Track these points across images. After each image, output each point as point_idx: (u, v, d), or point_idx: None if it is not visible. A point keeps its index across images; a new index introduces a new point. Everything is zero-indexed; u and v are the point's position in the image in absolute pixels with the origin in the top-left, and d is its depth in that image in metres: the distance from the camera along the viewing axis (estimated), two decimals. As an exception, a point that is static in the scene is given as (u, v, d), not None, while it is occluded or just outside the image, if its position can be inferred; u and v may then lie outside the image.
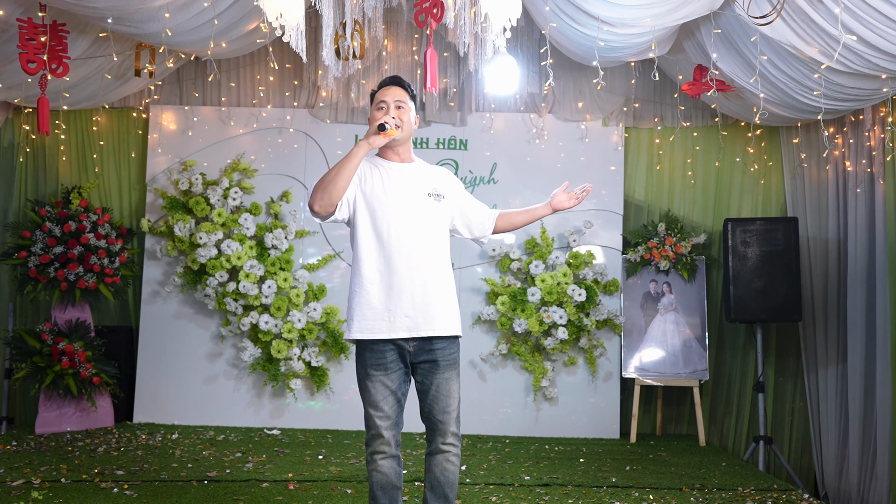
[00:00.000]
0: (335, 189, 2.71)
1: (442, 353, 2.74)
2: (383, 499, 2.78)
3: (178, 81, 5.82)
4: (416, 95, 2.93)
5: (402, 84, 2.86)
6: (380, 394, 2.73)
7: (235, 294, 5.42)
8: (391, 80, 2.86)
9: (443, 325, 2.74)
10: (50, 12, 4.07)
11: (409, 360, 2.76)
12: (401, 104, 2.81)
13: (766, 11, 3.57)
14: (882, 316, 4.63)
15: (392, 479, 2.76)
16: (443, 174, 2.92)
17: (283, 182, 5.69)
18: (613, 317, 5.46)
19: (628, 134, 5.80)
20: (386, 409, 2.74)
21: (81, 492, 3.63)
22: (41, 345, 5.22)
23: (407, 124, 2.82)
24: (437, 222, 2.81)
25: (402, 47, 5.63)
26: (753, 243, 5.18)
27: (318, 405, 5.56)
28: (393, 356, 2.74)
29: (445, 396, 2.73)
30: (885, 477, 4.59)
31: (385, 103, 2.81)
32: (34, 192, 5.79)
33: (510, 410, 5.52)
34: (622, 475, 4.26)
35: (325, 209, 2.74)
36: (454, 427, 2.75)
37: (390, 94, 2.82)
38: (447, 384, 2.73)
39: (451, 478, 2.76)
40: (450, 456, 2.75)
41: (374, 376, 2.74)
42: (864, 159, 4.86)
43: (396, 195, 2.79)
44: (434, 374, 2.73)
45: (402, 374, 2.77)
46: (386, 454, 2.75)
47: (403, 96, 2.83)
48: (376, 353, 2.74)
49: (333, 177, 2.71)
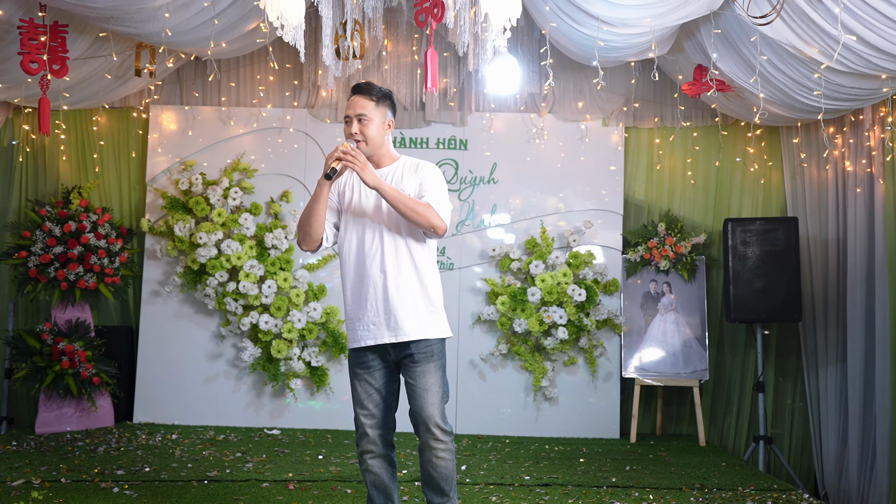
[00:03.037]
0: (311, 229, 2.82)
1: (416, 346, 2.77)
2: (378, 498, 2.85)
3: (178, 81, 5.82)
4: (387, 94, 2.87)
5: (365, 91, 2.82)
6: (364, 392, 2.81)
7: (235, 294, 5.42)
8: (354, 89, 2.84)
9: (411, 329, 2.76)
10: (50, 12, 4.07)
11: (393, 359, 2.82)
12: (362, 117, 2.80)
13: (766, 11, 3.57)
14: (881, 316, 4.63)
15: (384, 479, 2.83)
16: (412, 171, 2.87)
17: (283, 182, 5.69)
18: (613, 317, 5.46)
19: (628, 134, 5.80)
20: (370, 407, 2.81)
21: (81, 492, 3.63)
22: (41, 345, 5.22)
23: (373, 137, 2.82)
24: (404, 224, 2.80)
25: (402, 47, 5.63)
26: (753, 243, 5.18)
27: (318, 405, 5.56)
28: (374, 355, 2.81)
29: (423, 390, 2.75)
30: (884, 476, 4.59)
31: (348, 117, 2.82)
32: (34, 192, 5.79)
33: (510, 410, 5.52)
34: (622, 475, 4.26)
35: (311, 246, 2.87)
36: (438, 420, 2.75)
37: (353, 107, 2.81)
38: (423, 377, 2.75)
39: (444, 472, 2.78)
40: (438, 452, 2.76)
41: (359, 374, 2.83)
42: (864, 159, 4.86)
43: (364, 203, 2.84)
44: (411, 368, 2.77)
45: (385, 372, 2.83)
46: (374, 453, 2.82)
47: (366, 107, 2.80)
48: (358, 353, 2.83)
49: (306, 218, 2.82)
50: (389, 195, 2.70)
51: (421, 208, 2.72)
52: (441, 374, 2.80)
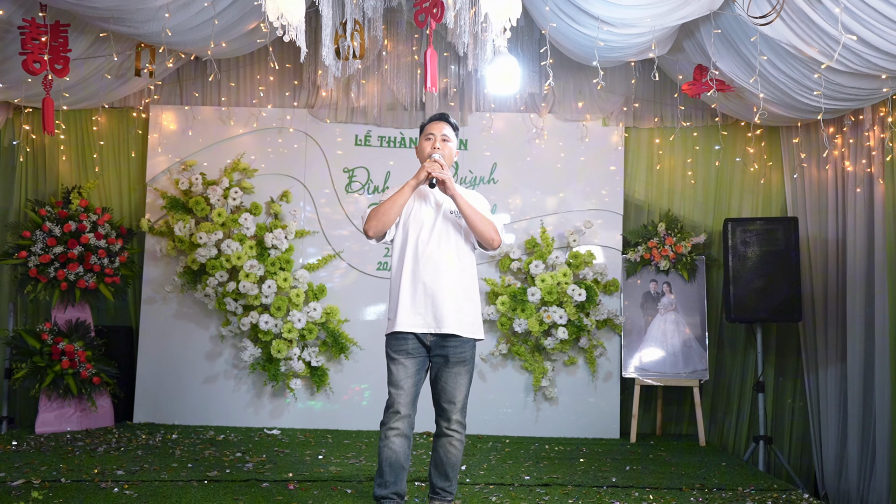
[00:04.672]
0: (387, 219, 3.20)
1: (454, 350, 3.15)
2: (390, 476, 3.11)
3: (178, 81, 5.82)
4: (458, 129, 3.41)
5: (449, 121, 3.35)
6: (401, 374, 3.13)
7: (235, 294, 5.42)
8: (440, 116, 3.35)
9: (455, 326, 3.13)
10: (50, 12, 4.07)
11: (427, 353, 3.18)
12: (446, 138, 3.29)
13: (766, 11, 3.57)
14: (881, 316, 4.64)
15: (400, 459, 3.11)
16: (465, 192, 3.28)
17: (283, 182, 5.68)
18: (613, 317, 5.46)
19: (628, 134, 5.81)
20: (406, 387, 3.12)
21: (81, 492, 3.63)
22: (41, 345, 5.22)
23: (448, 157, 3.28)
24: (457, 236, 3.24)
25: (402, 47, 5.63)
26: (753, 243, 5.18)
27: (318, 405, 5.56)
28: (415, 343, 3.15)
29: (452, 388, 3.15)
30: (884, 476, 4.59)
31: (433, 135, 3.29)
32: (34, 192, 5.79)
33: (510, 410, 5.52)
34: (622, 475, 4.26)
35: (377, 234, 3.22)
36: (458, 416, 3.17)
37: (438, 128, 3.30)
38: (455, 378, 3.15)
39: (453, 459, 3.20)
40: (453, 440, 3.18)
41: (397, 360, 3.15)
42: (864, 159, 4.86)
43: (423, 212, 3.25)
44: (444, 367, 3.16)
45: (421, 360, 3.17)
46: (399, 430, 3.10)
47: (449, 131, 3.31)
48: (399, 338, 3.17)
49: (388, 209, 3.19)
50: (465, 203, 3.17)
51: (488, 220, 3.20)
52: (469, 377, 3.21)
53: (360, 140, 5.71)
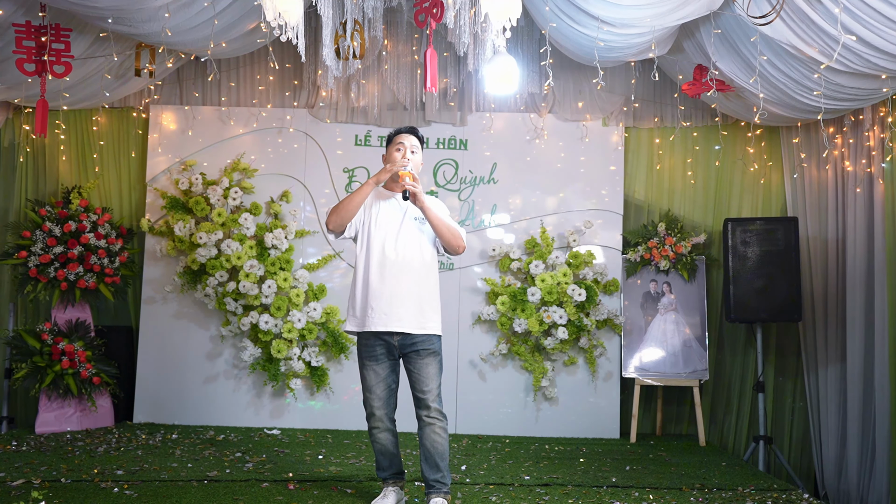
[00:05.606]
0: (347, 214, 3.38)
1: (421, 344, 3.37)
2: (384, 461, 3.50)
3: (178, 81, 5.82)
4: (424, 143, 3.68)
5: (418, 134, 3.56)
6: (372, 379, 3.42)
7: (235, 294, 5.42)
8: (410, 129, 3.55)
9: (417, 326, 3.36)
10: (50, 12, 4.07)
11: (397, 354, 3.41)
12: (415, 150, 3.49)
13: (766, 11, 3.57)
14: (881, 316, 4.64)
15: (389, 447, 3.46)
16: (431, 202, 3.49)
17: (283, 182, 5.69)
18: (613, 317, 5.46)
19: (628, 134, 5.81)
20: (378, 391, 3.42)
21: (81, 492, 3.63)
22: (41, 345, 5.22)
23: (416, 168, 3.47)
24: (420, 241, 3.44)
25: (402, 47, 5.63)
26: (753, 243, 5.18)
27: (318, 405, 5.56)
28: (383, 349, 3.39)
29: (425, 377, 3.36)
30: (884, 476, 4.59)
31: (403, 145, 3.47)
32: (34, 192, 5.80)
33: (510, 410, 5.52)
34: (622, 475, 4.26)
35: (337, 229, 3.41)
36: (435, 403, 3.34)
37: (408, 140, 3.49)
38: (426, 368, 3.36)
39: (440, 448, 3.34)
40: (435, 428, 3.34)
41: (368, 365, 3.42)
42: (864, 159, 4.87)
43: (388, 217, 3.43)
44: (416, 360, 3.37)
45: (391, 364, 3.42)
46: (380, 428, 3.45)
47: (418, 144, 3.52)
48: (367, 342, 3.42)
49: (346, 205, 3.38)
50: (434, 215, 3.37)
51: (454, 228, 3.43)
52: (438, 367, 3.41)
53: (360, 140, 5.71)
